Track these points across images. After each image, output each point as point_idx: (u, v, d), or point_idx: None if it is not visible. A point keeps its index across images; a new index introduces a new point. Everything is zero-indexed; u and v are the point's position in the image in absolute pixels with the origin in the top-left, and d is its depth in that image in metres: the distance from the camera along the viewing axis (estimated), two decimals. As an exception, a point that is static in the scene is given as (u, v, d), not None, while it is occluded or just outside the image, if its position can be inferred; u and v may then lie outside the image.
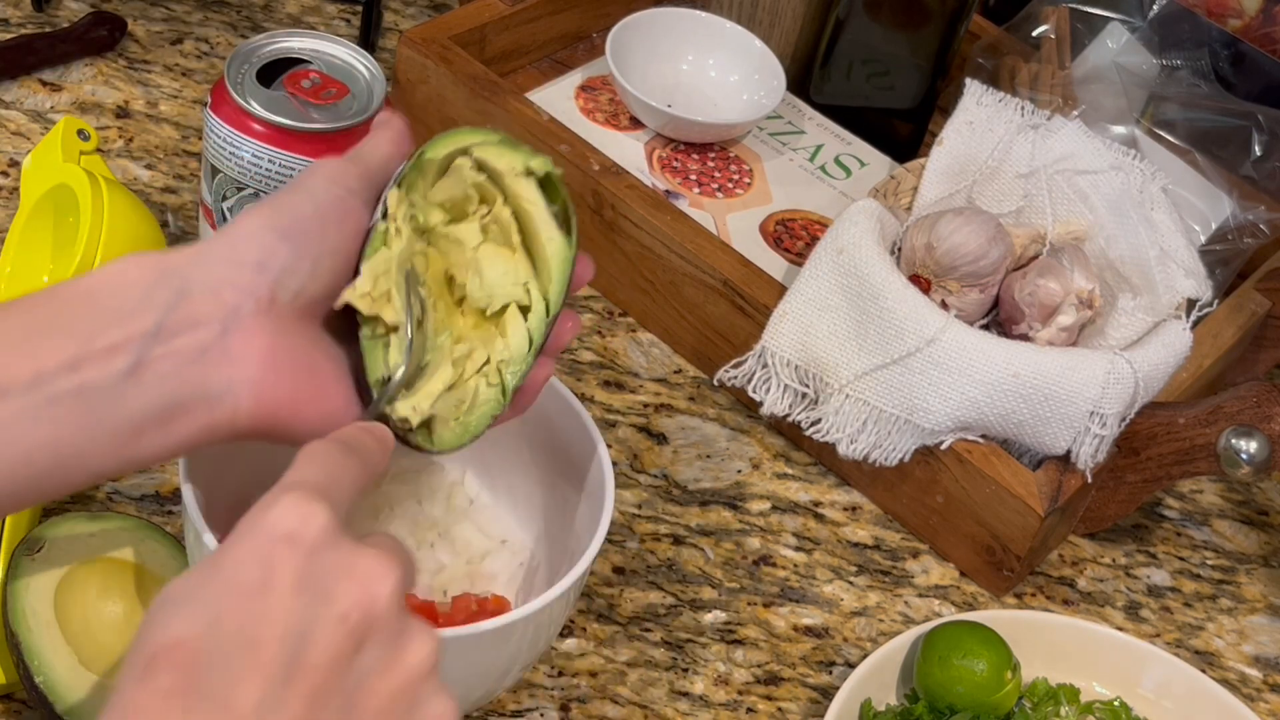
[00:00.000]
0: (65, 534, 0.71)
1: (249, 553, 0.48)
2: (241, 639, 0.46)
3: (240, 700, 0.45)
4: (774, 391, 0.88)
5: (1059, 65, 1.05)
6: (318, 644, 0.47)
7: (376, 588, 0.49)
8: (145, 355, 0.55)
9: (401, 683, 0.49)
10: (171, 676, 0.45)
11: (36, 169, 0.86)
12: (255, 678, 0.46)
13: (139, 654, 0.47)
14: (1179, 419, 0.85)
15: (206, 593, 0.48)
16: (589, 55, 1.10)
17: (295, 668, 0.47)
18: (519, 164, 0.63)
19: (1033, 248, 0.91)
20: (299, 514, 0.49)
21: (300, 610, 0.47)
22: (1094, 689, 0.82)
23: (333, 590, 0.48)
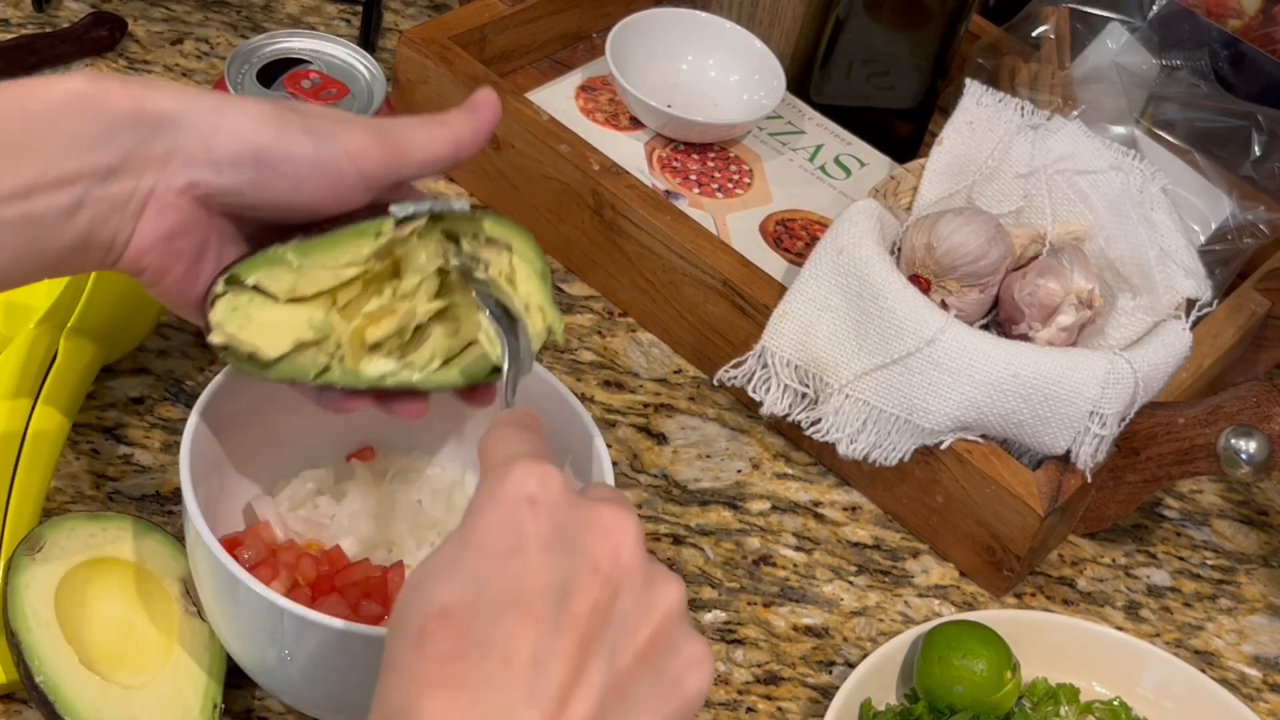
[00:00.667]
0: (65, 534, 0.71)
1: (496, 519, 0.50)
2: (507, 598, 0.48)
3: (517, 652, 0.48)
4: (774, 391, 0.88)
5: (1059, 65, 1.05)
6: (578, 594, 0.49)
7: (620, 537, 0.51)
8: (88, 194, 0.56)
9: (658, 625, 0.51)
10: (447, 640, 0.48)
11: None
12: (527, 631, 0.48)
13: (407, 627, 0.49)
14: (1179, 419, 0.85)
15: (464, 562, 0.50)
16: (589, 55, 1.10)
17: (562, 618, 0.49)
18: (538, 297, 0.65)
19: (1033, 248, 0.91)
20: (535, 477, 0.51)
21: (556, 565, 0.49)
22: (1094, 689, 0.82)
23: (582, 543, 0.50)
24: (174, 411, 0.84)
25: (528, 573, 0.49)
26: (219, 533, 0.66)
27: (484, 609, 0.48)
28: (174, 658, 0.70)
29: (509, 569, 0.49)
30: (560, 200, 0.96)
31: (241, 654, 0.69)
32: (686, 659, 0.51)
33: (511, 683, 0.47)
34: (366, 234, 0.61)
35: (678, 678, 0.51)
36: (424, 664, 0.48)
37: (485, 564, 0.49)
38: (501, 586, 0.49)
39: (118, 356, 0.84)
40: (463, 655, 0.47)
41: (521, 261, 0.65)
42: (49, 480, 0.76)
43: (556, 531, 0.50)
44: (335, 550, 0.74)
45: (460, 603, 0.48)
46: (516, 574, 0.49)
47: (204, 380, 0.85)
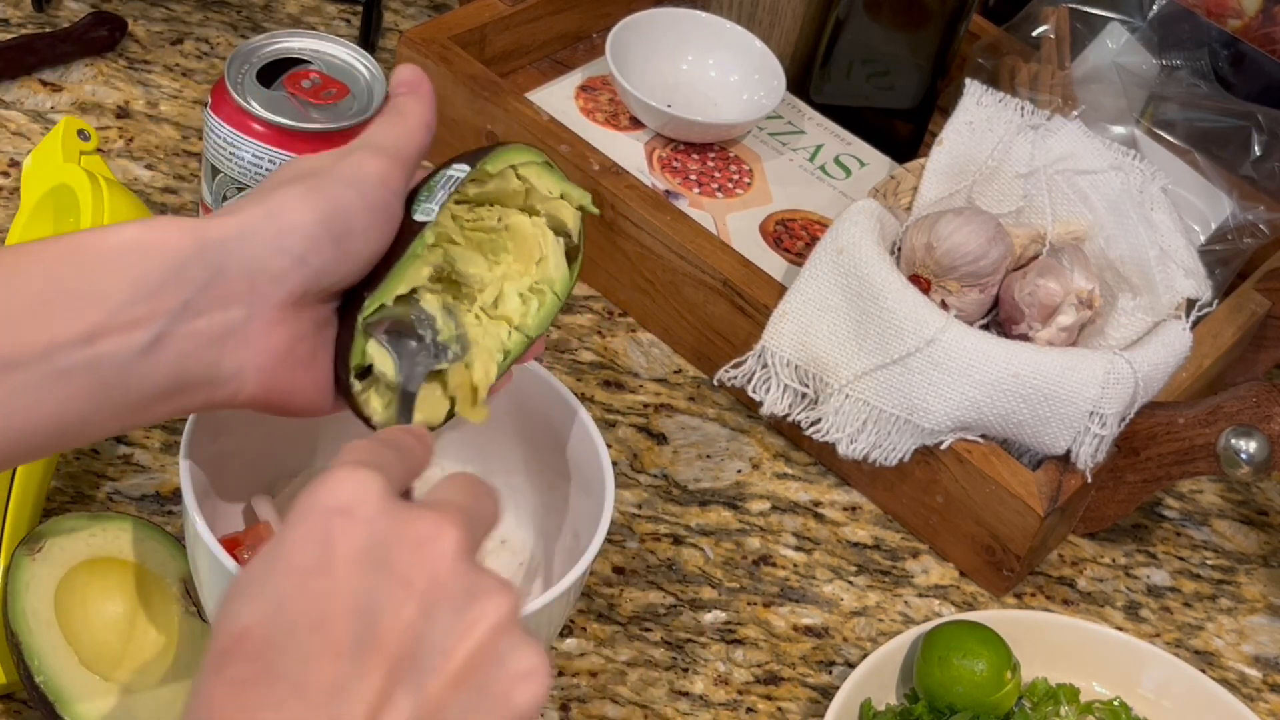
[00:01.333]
0: (65, 534, 0.71)
1: (306, 532, 0.47)
2: (308, 620, 0.45)
3: (314, 681, 0.45)
4: (774, 391, 0.88)
5: (1059, 65, 1.05)
6: (386, 615, 0.46)
7: (437, 548, 0.47)
8: (167, 332, 0.54)
9: (479, 642, 0.47)
10: (242, 666, 0.45)
11: (37, 169, 0.86)
12: (327, 657, 0.45)
13: (212, 649, 0.46)
14: (1179, 419, 0.85)
15: (269, 579, 0.47)
16: (589, 55, 1.10)
17: (367, 643, 0.45)
18: (556, 188, 0.64)
19: (1033, 248, 0.91)
20: (352, 484, 0.48)
21: (364, 583, 0.46)
22: (1094, 689, 0.82)
23: (395, 558, 0.47)
24: (174, 411, 0.84)
25: (332, 593, 0.46)
26: (219, 533, 0.66)
27: (282, 632, 0.45)
28: (174, 658, 0.70)
29: (312, 588, 0.46)
30: (560, 200, 0.96)
31: None
32: (514, 673, 0.47)
33: (306, 711, 0.44)
34: (417, 254, 0.61)
35: (503, 694, 0.47)
36: (219, 689, 0.45)
37: (288, 582, 0.46)
38: (303, 608, 0.45)
39: None
40: (256, 683, 0.44)
41: (528, 169, 0.64)
42: (49, 480, 0.76)
43: (368, 546, 0.47)
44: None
45: (258, 624, 0.45)
46: (320, 594, 0.46)
47: (204, 380, 0.85)
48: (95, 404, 0.53)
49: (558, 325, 0.95)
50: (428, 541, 0.48)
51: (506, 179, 0.64)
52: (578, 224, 0.65)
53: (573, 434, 0.74)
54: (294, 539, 0.47)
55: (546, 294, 0.65)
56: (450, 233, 0.63)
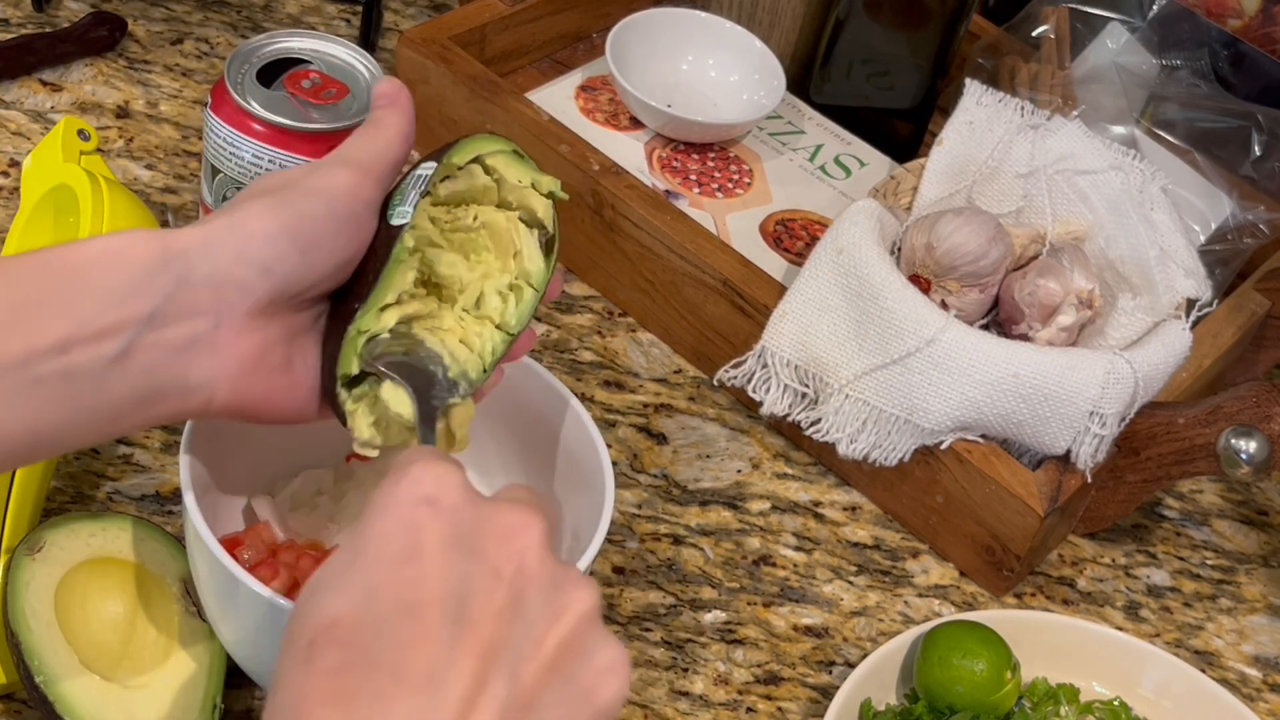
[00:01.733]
0: (65, 534, 0.71)
1: (392, 522, 0.48)
2: (400, 607, 0.46)
3: (411, 667, 0.45)
4: (774, 391, 0.88)
5: (1059, 65, 1.05)
6: (477, 602, 0.46)
7: (525, 540, 0.48)
8: (136, 342, 0.55)
9: (567, 632, 0.48)
10: (336, 654, 0.45)
11: (37, 169, 0.86)
12: (422, 643, 0.45)
13: (297, 640, 0.46)
14: (1179, 419, 0.85)
15: (356, 569, 0.47)
16: (589, 55, 1.10)
17: (460, 628, 0.46)
18: (526, 177, 0.64)
19: (1033, 248, 0.91)
20: (434, 475, 0.48)
21: (454, 570, 0.47)
22: (1094, 689, 0.82)
23: (482, 547, 0.47)
24: (174, 411, 0.84)
25: (423, 579, 0.46)
26: (219, 533, 0.66)
27: (375, 620, 0.46)
28: (174, 658, 0.70)
29: (403, 576, 0.46)
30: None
31: (241, 654, 0.69)
32: (599, 666, 0.48)
33: (405, 697, 0.44)
34: (400, 260, 0.61)
35: (590, 686, 0.48)
36: (312, 679, 0.45)
37: (378, 571, 0.47)
38: (395, 595, 0.46)
39: None
40: (351, 669, 0.45)
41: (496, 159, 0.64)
42: (49, 480, 0.76)
43: (455, 534, 0.47)
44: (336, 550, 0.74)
45: (350, 614, 0.46)
46: (411, 581, 0.46)
47: (204, 380, 0.85)
48: (69, 413, 0.54)
49: (557, 325, 0.95)
50: (515, 532, 0.48)
51: (475, 175, 0.64)
52: (550, 213, 0.65)
53: (573, 434, 0.74)
54: (380, 530, 0.48)
55: (524, 289, 0.65)
56: (430, 235, 0.63)
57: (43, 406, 0.54)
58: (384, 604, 0.46)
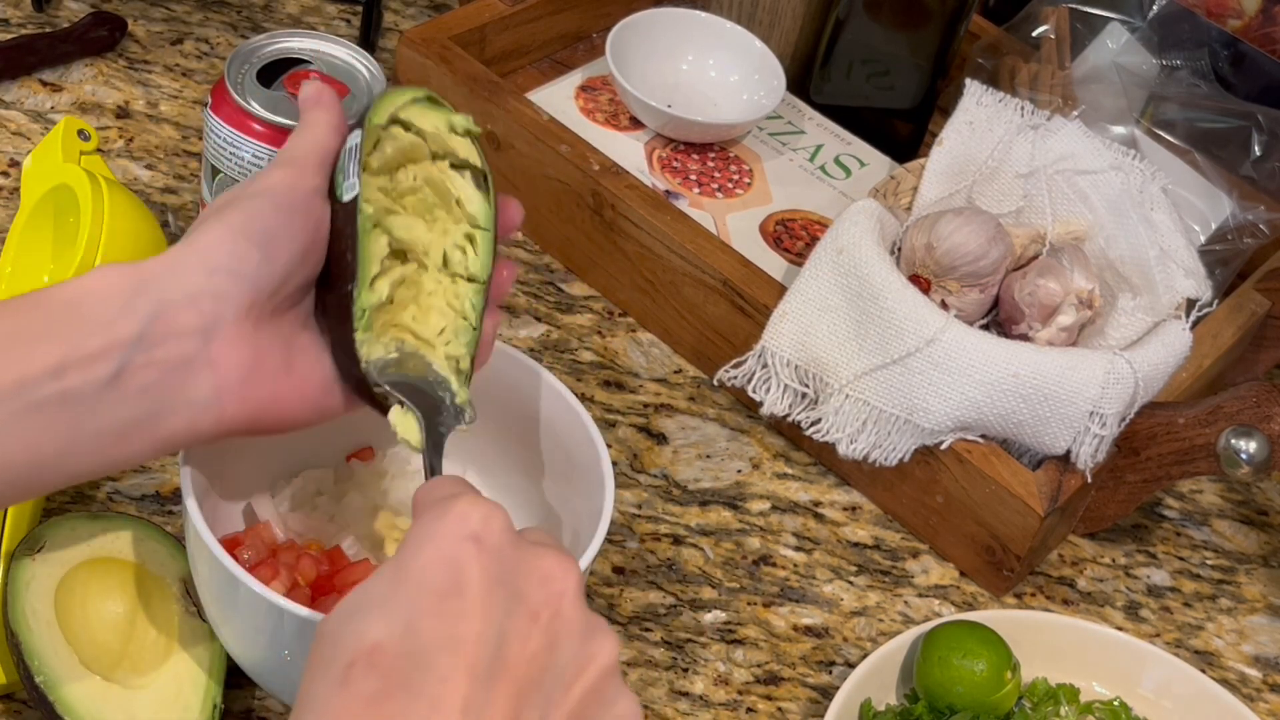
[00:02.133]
0: (65, 534, 0.71)
1: (436, 555, 0.49)
2: (441, 640, 0.47)
3: (449, 699, 0.46)
4: (774, 391, 0.88)
5: (1059, 65, 1.05)
6: (515, 643, 0.48)
7: (563, 585, 0.50)
8: (128, 363, 0.56)
9: (593, 681, 0.50)
10: (375, 680, 0.46)
11: (37, 169, 0.86)
12: (460, 676, 0.46)
13: (333, 661, 0.47)
14: (1179, 419, 0.85)
15: (398, 598, 0.48)
16: (589, 55, 1.10)
17: (497, 666, 0.47)
18: (442, 123, 0.64)
19: (1033, 248, 0.91)
20: (480, 514, 0.50)
21: (495, 610, 0.48)
22: (1094, 689, 0.82)
23: (523, 589, 0.49)
24: (174, 411, 0.84)
25: (465, 615, 0.47)
26: (219, 533, 0.66)
27: (416, 650, 0.47)
28: (174, 658, 0.70)
29: (446, 609, 0.47)
30: (560, 200, 0.96)
31: (241, 654, 0.69)
32: (617, 715, 0.50)
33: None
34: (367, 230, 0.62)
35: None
36: (350, 704, 0.46)
37: (421, 602, 0.47)
38: (436, 628, 0.47)
39: None
40: (390, 697, 0.46)
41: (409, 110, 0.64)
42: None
43: (498, 575, 0.49)
44: (335, 550, 0.74)
45: (392, 641, 0.47)
46: (453, 616, 0.47)
47: (204, 380, 0.85)
48: (70, 437, 0.55)
49: (557, 325, 0.95)
50: (553, 578, 0.50)
51: (399, 136, 0.64)
52: (474, 149, 0.65)
53: (573, 434, 0.74)
54: (425, 562, 0.49)
55: (476, 233, 0.65)
56: (385, 204, 0.63)
57: (43, 432, 0.55)
58: (425, 635, 0.47)
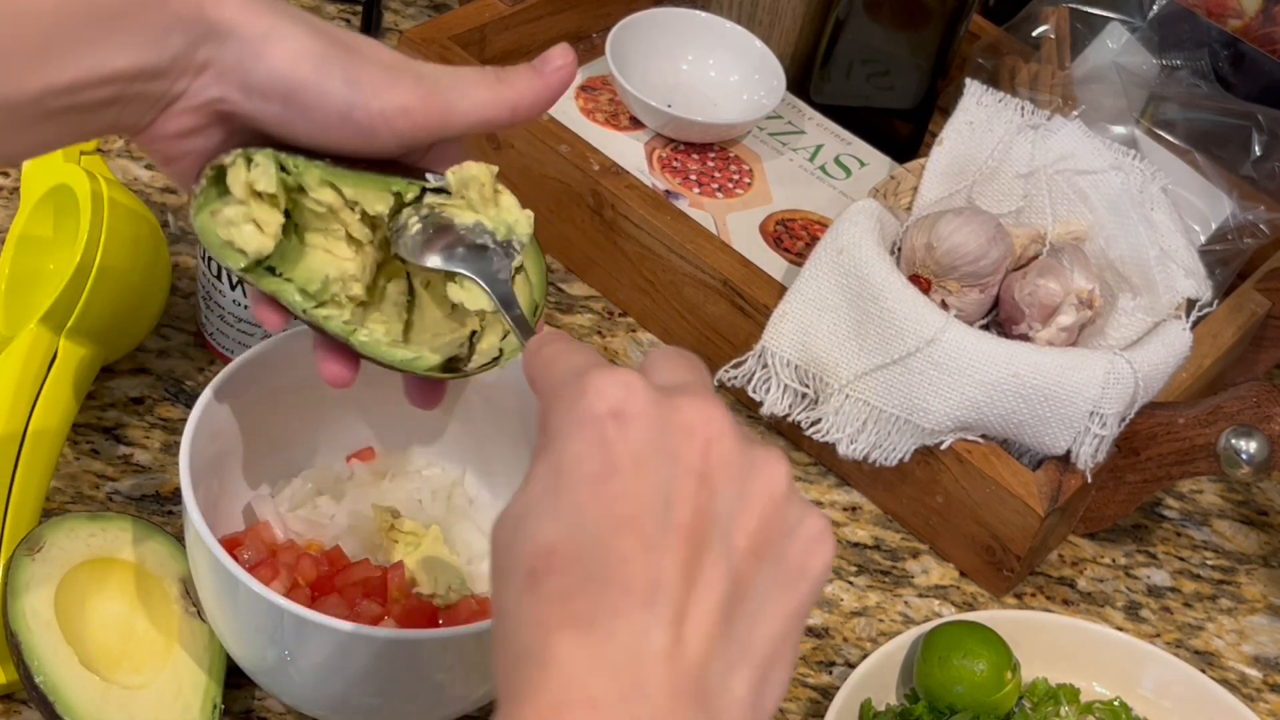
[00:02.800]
0: (65, 534, 0.71)
1: (584, 442, 0.48)
2: (612, 524, 0.47)
3: (635, 578, 0.46)
4: (774, 391, 0.88)
5: (1059, 65, 1.05)
6: (680, 503, 0.48)
7: (711, 431, 0.49)
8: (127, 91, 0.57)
9: (765, 513, 0.49)
10: (560, 579, 0.46)
11: (36, 169, 0.86)
12: (638, 554, 0.47)
13: (514, 570, 0.47)
14: (1179, 419, 0.85)
15: (560, 494, 0.48)
16: (589, 55, 1.10)
17: (669, 532, 0.47)
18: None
19: (1033, 248, 0.91)
20: (615, 385, 0.49)
21: (653, 478, 0.48)
22: (1094, 689, 0.82)
23: (674, 448, 0.48)
24: (174, 411, 0.84)
25: (627, 494, 0.47)
26: (219, 533, 0.66)
27: (590, 540, 0.47)
28: (174, 658, 0.70)
29: (607, 493, 0.47)
30: (560, 200, 0.96)
31: (241, 654, 0.69)
32: (804, 540, 0.50)
33: (637, 608, 0.46)
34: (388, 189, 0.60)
35: (799, 560, 0.49)
36: (543, 607, 0.46)
37: (581, 492, 0.48)
38: (603, 513, 0.47)
39: (118, 356, 0.84)
40: (582, 591, 0.46)
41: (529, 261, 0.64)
42: (49, 480, 0.76)
43: (646, 443, 0.48)
44: (335, 550, 0.74)
45: (564, 538, 0.47)
46: (615, 497, 0.47)
47: (204, 380, 0.85)
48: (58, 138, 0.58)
49: (558, 325, 0.95)
50: (699, 426, 0.49)
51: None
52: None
53: None
54: (575, 451, 0.48)
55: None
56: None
57: (46, 133, 0.57)
58: (594, 524, 0.47)
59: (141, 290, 0.83)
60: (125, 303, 0.81)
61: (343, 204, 0.61)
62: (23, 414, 0.75)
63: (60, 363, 0.78)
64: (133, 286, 0.82)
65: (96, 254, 0.79)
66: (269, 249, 0.61)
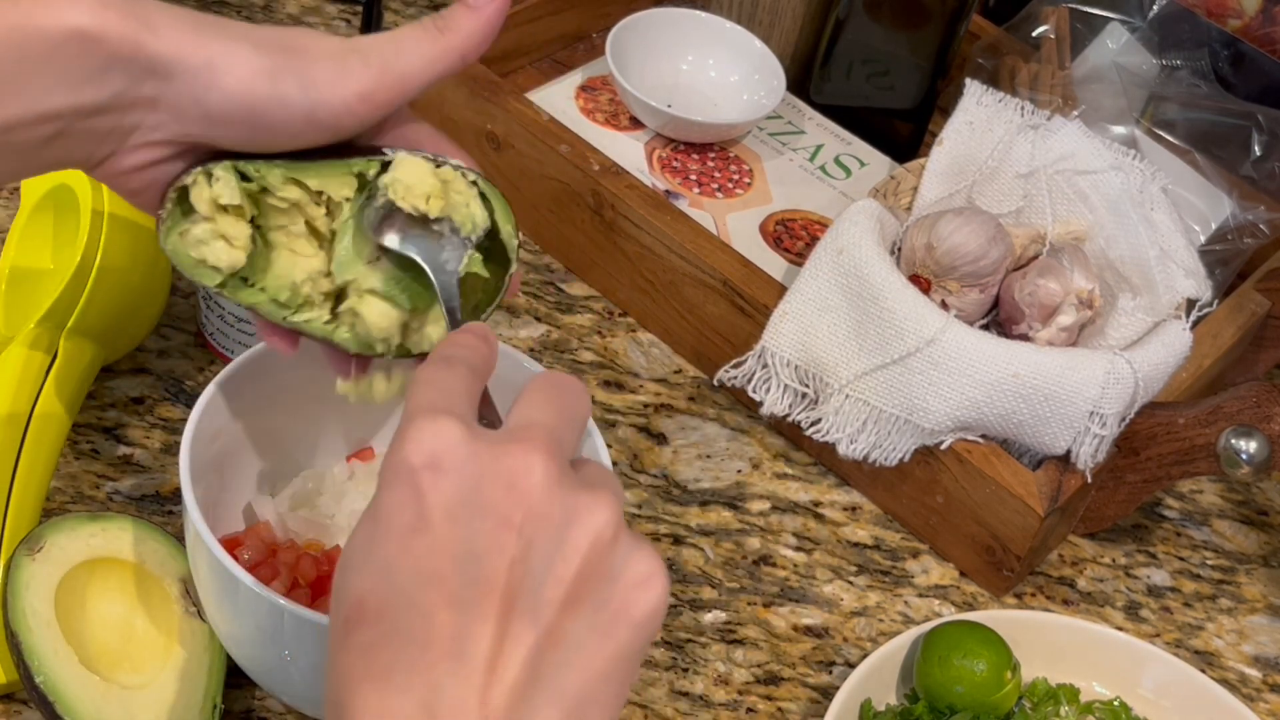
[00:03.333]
0: (65, 534, 0.71)
1: (399, 493, 0.48)
2: (418, 578, 0.47)
3: (438, 633, 0.46)
4: (774, 391, 0.88)
5: (1059, 65, 1.05)
6: (490, 557, 0.47)
7: (527, 481, 0.48)
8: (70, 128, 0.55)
9: (585, 560, 0.48)
10: (366, 631, 0.47)
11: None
12: (444, 608, 0.46)
13: (334, 621, 0.48)
14: (1179, 419, 0.85)
15: (374, 546, 0.48)
16: (589, 55, 1.10)
17: (478, 587, 0.47)
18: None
19: (1033, 248, 0.91)
20: (432, 434, 0.48)
21: (463, 532, 0.47)
22: (1094, 689, 0.82)
23: (489, 500, 0.48)
24: (174, 411, 0.84)
25: (435, 548, 0.47)
26: (219, 533, 0.66)
27: (398, 594, 0.47)
28: (173, 658, 0.70)
29: (415, 547, 0.47)
30: (560, 200, 0.96)
31: (242, 654, 0.69)
32: (629, 583, 0.48)
33: (436, 663, 0.46)
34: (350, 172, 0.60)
35: (622, 605, 0.48)
36: (350, 658, 0.46)
37: (390, 545, 0.47)
38: (410, 567, 0.47)
39: (118, 356, 0.84)
40: (384, 643, 0.46)
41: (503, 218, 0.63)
42: (49, 480, 0.76)
43: (459, 495, 0.47)
44: (335, 550, 0.74)
45: (373, 590, 0.47)
46: (424, 552, 0.47)
47: (204, 380, 0.85)
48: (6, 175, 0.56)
49: (557, 325, 0.95)
50: (517, 476, 0.48)
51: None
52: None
53: None
54: (389, 502, 0.48)
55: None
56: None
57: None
58: (402, 577, 0.47)
59: (141, 290, 0.83)
60: (125, 302, 0.82)
61: (308, 198, 0.61)
62: (23, 414, 0.75)
63: (61, 362, 0.78)
64: (133, 286, 0.82)
65: (97, 254, 0.79)
66: (242, 261, 0.60)
